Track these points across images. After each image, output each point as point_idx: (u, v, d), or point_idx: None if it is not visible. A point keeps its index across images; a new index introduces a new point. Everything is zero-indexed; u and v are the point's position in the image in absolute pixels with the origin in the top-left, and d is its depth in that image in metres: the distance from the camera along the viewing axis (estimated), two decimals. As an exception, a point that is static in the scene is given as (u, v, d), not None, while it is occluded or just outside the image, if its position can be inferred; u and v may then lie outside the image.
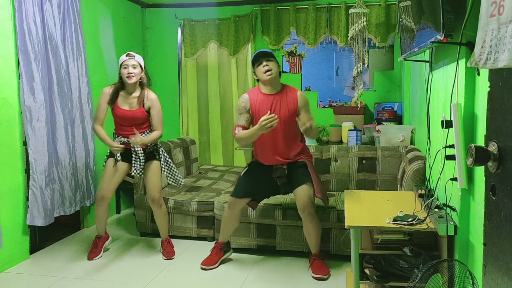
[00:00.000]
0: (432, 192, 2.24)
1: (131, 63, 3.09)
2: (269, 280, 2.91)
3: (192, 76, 5.00)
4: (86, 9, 3.86)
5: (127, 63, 3.09)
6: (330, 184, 3.66)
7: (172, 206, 3.57)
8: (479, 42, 1.25)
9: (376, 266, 2.26)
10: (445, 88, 2.19)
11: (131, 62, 3.09)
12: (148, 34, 5.06)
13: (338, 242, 3.16)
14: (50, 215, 3.32)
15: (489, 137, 1.48)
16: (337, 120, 4.60)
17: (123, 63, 3.10)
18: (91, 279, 2.92)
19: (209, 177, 4.30)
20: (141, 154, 3.16)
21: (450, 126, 1.84)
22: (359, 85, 4.34)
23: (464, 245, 1.88)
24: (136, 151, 3.14)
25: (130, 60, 3.09)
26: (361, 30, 4.17)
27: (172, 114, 5.10)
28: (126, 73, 3.07)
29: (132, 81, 3.09)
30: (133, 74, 3.08)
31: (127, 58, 3.10)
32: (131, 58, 3.11)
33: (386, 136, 3.77)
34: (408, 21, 2.63)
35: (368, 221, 2.16)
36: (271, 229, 3.27)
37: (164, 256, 3.29)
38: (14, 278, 2.94)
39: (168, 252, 3.31)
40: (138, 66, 3.12)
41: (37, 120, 3.19)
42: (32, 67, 3.13)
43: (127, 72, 3.07)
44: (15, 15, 3.03)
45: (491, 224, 1.46)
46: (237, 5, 4.78)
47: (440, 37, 1.85)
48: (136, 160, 3.15)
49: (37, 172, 3.19)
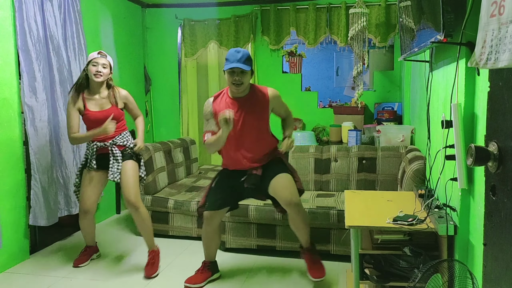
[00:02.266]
0: (432, 192, 2.24)
1: (101, 61, 2.92)
2: (269, 280, 2.91)
3: (192, 76, 5.00)
4: (86, 9, 3.86)
5: (97, 61, 2.91)
6: (330, 184, 3.66)
7: (172, 206, 3.57)
8: (479, 42, 1.25)
9: (376, 266, 2.26)
10: (445, 88, 2.19)
11: (101, 60, 2.92)
12: (148, 34, 5.07)
13: (338, 242, 3.16)
14: (54, 215, 3.32)
15: (489, 137, 1.48)
16: (337, 120, 4.60)
17: (92, 60, 2.91)
18: (91, 279, 2.92)
19: (209, 177, 4.29)
20: (119, 156, 2.97)
21: (450, 126, 1.84)
22: (359, 85, 4.34)
23: (464, 245, 1.88)
24: (114, 154, 2.95)
25: (101, 59, 2.93)
26: (361, 30, 4.17)
27: (172, 114, 5.11)
28: (94, 71, 2.89)
29: (99, 80, 2.90)
30: (102, 73, 2.91)
31: (98, 56, 2.93)
32: (103, 57, 2.94)
33: (386, 136, 3.77)
34: (408, 21, 2.63)
35: (368, 221, 2.16)
36: (271, 229, 3.27)
37: (145, 272, 2.96)
38: (14, 278, 2.94)
39: (150, 267, 2.97)
40: (108, 67, 2.96)
41: (39, 119, 3.19)
42: (33, 67, 3.13)
43: (96, 70, 2.89)
44: (15, 15, 3.03)
45: (491, 224, 1.47)
46: (237, 5, 4.78)
47: (440, 37, 1.85)
48: (114, 164, 2.94)
49: (39, 172, 3.18)
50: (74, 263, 3.11)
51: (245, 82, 2.59)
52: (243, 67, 2.52)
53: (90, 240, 3.18)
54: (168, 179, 3.97)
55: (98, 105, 2.96)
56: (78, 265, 3.10)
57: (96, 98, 2.97)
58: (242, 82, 2.58)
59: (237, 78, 2.56)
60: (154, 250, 3.06)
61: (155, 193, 3.72)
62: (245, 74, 2.57)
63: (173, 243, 3.52)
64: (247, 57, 2.57)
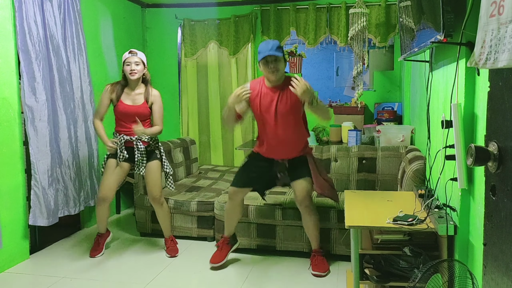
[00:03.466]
0: (432, 192, 2.24)
1: (133, 60, 3.12)
2: (269, 280, 2.91)
3: (192, 76, 5.00)
4: (86, 9, 3.86)
5: (129, 60, 3.12)
6: (330, 184, 3.66)
7: (172, 206, 3.57)
8: (479, 42, 1.25)
9: (376, 266, 2.26)
10: (445, 88, 2.19)
11: (133, 59, 3.12)
12: (148, 34, 5.07)
13: (338, 242, 3.16)
14: (54, 215, 3.32)
15: (489, 137, 1.48)
16: (337, 120, 4.60)
17: (125, 60, 3.14)
18: (91, 279, 2.92)
19: (209, 177, 4.30)
20: (144, 152, 3.17)
21: (450, 126, 1.84)
22: (359, 85, 4.34)
23: (464, 245, 1.88)
24: (139, 148, 3.14)
25: (133, 57, 3.13)
26: (361, 30, 4.17)
27: (172, 114, 5.10)
28: (129, 70, 3.12)
29: (134, 77, 3.12)
30: (136, 71, 3.12)
31: (130, 55, 3.14)
32: (134, 55, 3.14)
33: (386, 136, 3.77)
34: (408, 21, 2.63)
35: (368, 221, 2.16)
36: (271, 229, 3.27)
37: (168, 253, 3.31)
38: (14, 278, 2.94)
39: (172, 249, 3.32)
40: (140, 63, 3.16)
41: (39, 120, 3.19)
42: (33, 67, 3.13)
43: (130, 69, 3.11)
44: (15, 15, 3.03)
45: (491, 224, 1.46)
46: (237, 5, 4.78)
47: (440, 37, 1.85)
48: (139, 158, 3.16)
49: (39, 172, 3.18)
50: (91, 254, 3.28)
51: (280, 68, 2.76)
52: (275, 53, 2.70)
53: (103, 227, 3.34)
54: (168, 179, 3.97)
55: (130, 100, 3.19)
56: (95, 255, 3.27)
57: (132, 93, 3.20)
58: (278, 68, 2.75)
59: (272, 66, 2.73)
60: (171, 236, 3.41)
61: (155, 193, 3.71)
62: (278, 61, 2.75)
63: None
64: (278, 46, 2.75)
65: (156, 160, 3.25)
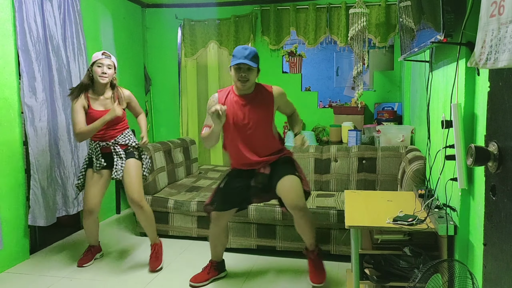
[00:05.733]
0: (432, 192, 2.24)
1: (106, 62, 2.90)
2: (269, 280, 2.91)
3: (192, 76, 5.00)
4: (86, 9, 3.86)
5: (102, 62, 2.89)
6: (330, 184, 3.66)
7: (172, 206, 3.57)
8: (479, 42, 1.25)
9: (376, 266, 2.26)
10: (445, 88, 2.19)
11: (106, 61, 2.90)
12: (148, 34, 5.07)
13: (338, 242, 3.16)
14: (52, 215, 3.32)
15: (489, 137, 1.48)
16: (337, 120, 4.60)
17: (97, 61, 2.88)
18: (91, 279, 2.92)
19: (209, 177, 4.30)
20: (122, 154, 2.99)
21: (450, 126, 1.84)
22: (359, 85, 4.34)
23: (464, 245, 1.88)
24: (117, 152, 2.97)
25: (106, 60, 2.90)
26: (361, 30, 4.18)
27: (172, 114, 5.11)
28: (100, 72, 2.87)
29: (104, 81, 2.90)
30: (107, 74, 2.90)
31: (103, 56, 2.90)
32: (107, 58, 2.91)
33: (386, 136, 3.77)
34: (408, 21, 2.63)
35: (368, 221, 2.16)
36: (271, 229, 3.27)
37: (149, 266, 3.03)
38: (14, 278, 2.94)
39: (154, 260, 3.04)
40: (112, 67, 2.94)
41: (38, 120, 3.19)
42: (33, 67, 3.13)
43: (101, 72, 2.88)
44: (15, 15, 3.03)
45: (491, 224, 1.46)
46: (237, 5, 4.78)
47: (440, 37, 1.85)
48: (118, 162, 2.96)
49: (39, 172, 3.19)
50: (79, 263, 3.11)
51: (251, 79, 2.58)
52: (250, 63, 2.52)
53: (94, 239, 3.19)
54: (168, 179, 3.97)
55: (102, 105, 2.97)
56: (83, 264, 3.10)
57: (100, 98, 2.97)
58: (248, 79, 2.57)
59: (243, 75, 2.55)
60: (156, 244, 3.11)
61: (155, 193, 3.72)
62: (251, 71, 2.57)
63: (173, 243, 3.52)
64: (254, 55, 2.57)
65: (133, 159, 3.00)
